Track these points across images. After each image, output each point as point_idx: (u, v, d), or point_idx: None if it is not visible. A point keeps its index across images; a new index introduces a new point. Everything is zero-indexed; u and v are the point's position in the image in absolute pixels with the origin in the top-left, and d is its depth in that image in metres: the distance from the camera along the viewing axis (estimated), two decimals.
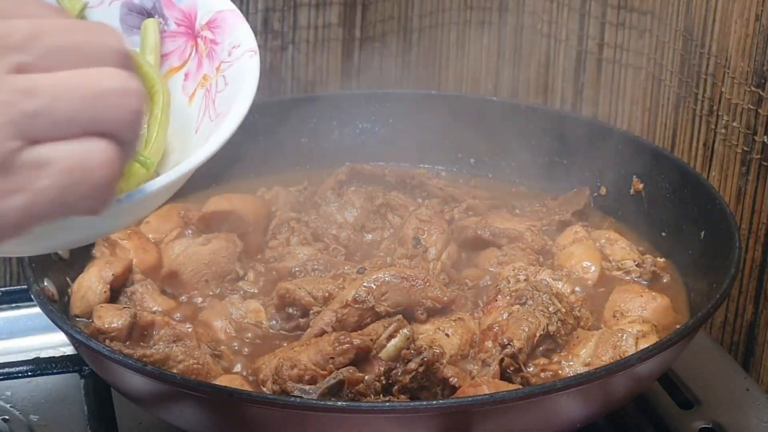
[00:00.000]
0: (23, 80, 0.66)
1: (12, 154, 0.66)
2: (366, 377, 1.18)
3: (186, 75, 0.97)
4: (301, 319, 1.30)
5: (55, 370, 1.35)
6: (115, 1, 0.98)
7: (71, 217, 0.73)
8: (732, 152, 1.53)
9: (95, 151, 0.69)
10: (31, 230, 0.70)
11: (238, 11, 0.97)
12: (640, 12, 1.69)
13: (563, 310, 1.29)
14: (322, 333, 1.24)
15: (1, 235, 0.68)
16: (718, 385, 1.41)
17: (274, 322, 1.32)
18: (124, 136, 0.71)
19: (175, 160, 0.92)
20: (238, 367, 1.25)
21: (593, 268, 1.41)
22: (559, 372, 1.24)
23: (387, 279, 1.28)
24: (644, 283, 1.41)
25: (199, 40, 0.97)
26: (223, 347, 1.28)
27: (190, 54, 0.98)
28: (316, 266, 1.37)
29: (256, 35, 0.97)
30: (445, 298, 1.30)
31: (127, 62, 0.73)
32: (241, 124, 0.89)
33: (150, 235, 1.45)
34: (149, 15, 0.99)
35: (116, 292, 1.34)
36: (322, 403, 1.11)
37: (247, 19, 1.01)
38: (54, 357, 1.36)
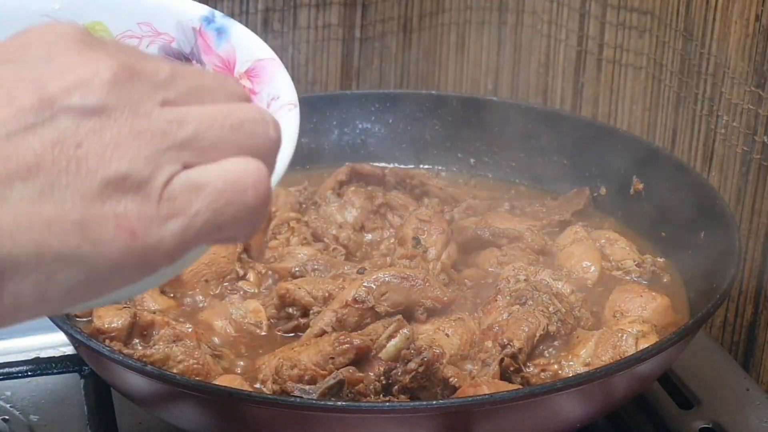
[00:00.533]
0: (174, 111, 0.69)
1: (171, 179, 0.68)
2: (366, 377, 1.18)
3: None
4: (301, 319, 1.30)
5: (55, 370, 1.35)
6: (153, 44, 0.96)
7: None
8: (732, 152, 1.53)
9: (249, 170, 0.71)
10: (183, 256, 0.71)
11: (279, 60, 0.93)
12: (640, 12, 1.69)
13: (563, 310, 1.29)
14: (322, 333, 1.24)
15: (155, 262, 0.69)
16: (718, 385, 1.41)
17: (274, 321, 1.32)
18: (267, 162, 0.73)
19: None
20: (238, 367, 1.26)
21: (593, 268, 1.41)
22: (559, 372, 1.24)
23: (387, 279, 1.28)
24: (644, 283, 1.41)
25: None
26: (223, 347, 1.28)
27: None
28: (316, 266, 1.37)
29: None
30: (445, 298, 1.30)
31: (251, 100, 0.76)
32: None
33: None
34: (187, 60, 0.96)
35: None
36: (322, 403, 1.11)
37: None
38: (54, 357, 1.36)
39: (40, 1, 0.93)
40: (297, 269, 1.37)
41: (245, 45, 0.95)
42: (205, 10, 0.95)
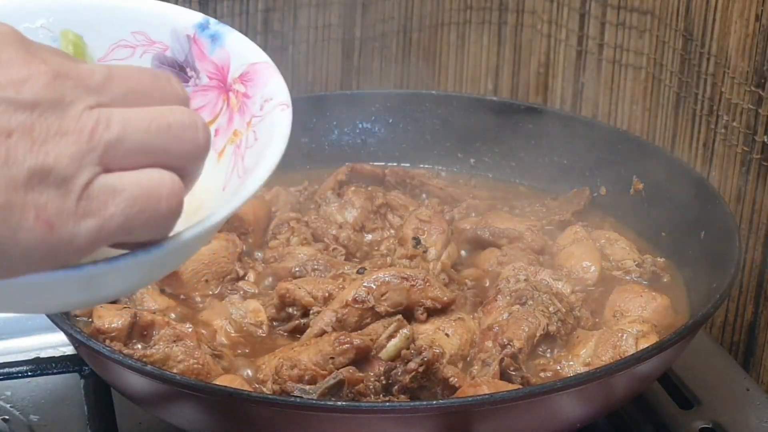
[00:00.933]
0: (103, 114, 0.72)
1: (92, 180, 0.71)
2: (366, 377, 1.18)
3: (216, 131, 0.94)
4: (301, 319, 1.30)
5: (55, 370, 1.35)
6: (147, 53, 0.96)
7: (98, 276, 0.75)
8: (732, 152, 1.53)
9: (164, 182, 0.74)
10: (92, 253, 0.74)
11: (272, 63, 0.94)
12: (640, 12, 1.69)
13: (563, 310, 1.29)
14: (322, 333, 1.24)
15: (65, 256, 0.72)
16: (718, 385, 1.41)
17: (274, 322, 1.32)
18: (190, 168, 0.77)
19: (202, 217, 0.91)
20: (239, 367, 1.26)
21: (593, 268, 1.41)
22: (559, 372, 1.24)
23: (387, 279, 1.28)
24: (644, 283, 1.41)
25: (231, 94, 0.95)
26: (223, 347, 1.28)
27: (222, 108, 0.95)
28: (316, 266, 1.37)
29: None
30: (445, 298, 1.30)
31: (189, 103, 0.79)
32: None
33: None
34: (181, 68, 0.96)
35: None
36: (322, 403, 1.11)
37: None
38: (54, 357, 1.36)
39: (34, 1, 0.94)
40: (297, 269, 1.37)
41: (239, 50, 0.95)
42: (199, 17, 0.95)
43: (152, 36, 0.96)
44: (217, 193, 0.91)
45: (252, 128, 0.92)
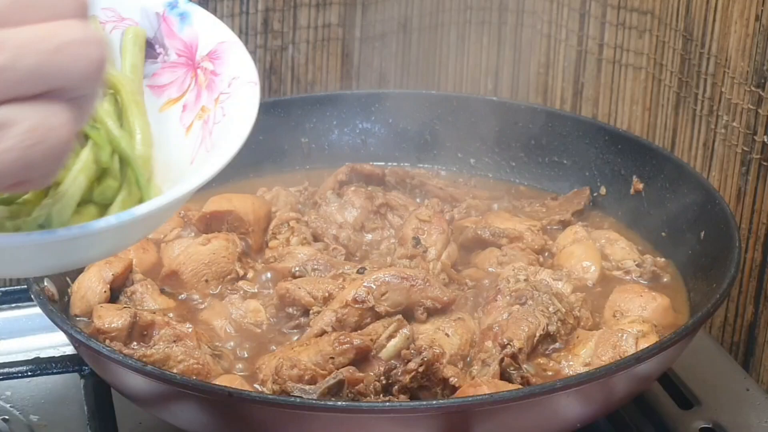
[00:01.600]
0: None
1: None
2: (366, 377, 1.18)
3: (184, 106, 0.96)
4: (301, 319, 1.30)
5: (55, 370, 1.35)
6: (116, 29, 0.97)
7: (59, 239, 0.75)
8: (732, 152, 1.53)
9: (56, 112, 0.70)
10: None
11: (240, 42, 0.95)
12: (640, 12, 1.69)
13: (563, 310, 1.29)
14: (322, 333, 1.24)
15: None
16: (718, 385, 1.41)
17: (274, 321, 1.32)
18: (87, 87, 0.72)
19: (170, 189, 0.92)
20: (238, 367, 1.25)
21: (593, 268, 1.41)
22: (559, 372, 1.24)
23: (387, 279, 1.28)
24: (644, 283, 1.41)
25: (199, 71, 0.96)
26: (223, 347, 1.28)
27: (189, 85, 0.97)
28: (316, 266, 1.37)
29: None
30: (445, 298, 1.30)
31: (87, 11, 0.74)
32: None
33: (150, 235, 1.44)
34: (150, 45, 0.98)
35: (116, 292, 1.34)
36: (322, 403, 1.11)
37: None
38: (54, 357, 1.36)
39: None
40: (297, 269, 1.37)
41: (207, 29, 0.96)
42: None
43: (122, 13, 0.97)
44: (185, 166, 0.93)
45: (220, 105, 0.93)
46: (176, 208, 0.94)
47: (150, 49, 0.97)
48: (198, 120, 0.95)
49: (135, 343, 1.25)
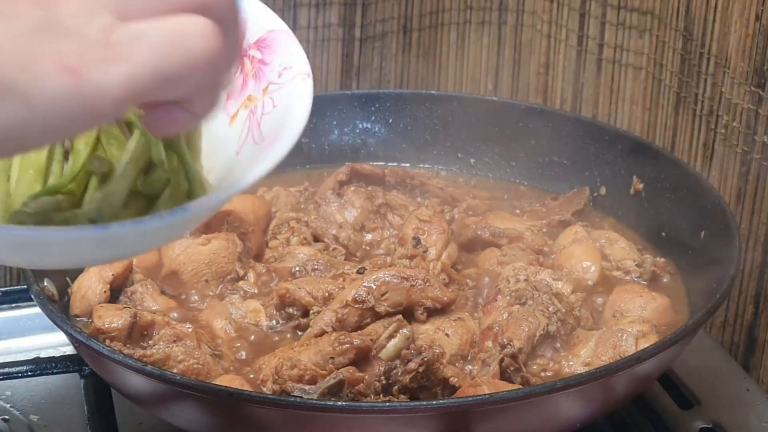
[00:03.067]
0: None
1: (107, 28, 0.67)
2: (366, 377, 1.18)
3: (228, 95, 0.93)
4: (301, 319, 1.30)
5: (55, 370, 1.35)
6: None
7: (113, 235, 0.73)
8: (732, 152, 1.53)
9: (191, 24, 0.69)
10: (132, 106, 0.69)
11: (291, 32, 0.93)
12: (640, 12, 1.69)
13: (563, 310, 1.29)
14: (322, 333, 1.24)
15: (104, 108, 0.68)
16: (718, 385, 1.41)
17: (274, 322, 1.32)
18: (223, 12, 0.71)
19: (215, 180, 0.90)
20: (237, 367, 1.26)
21: (593, 268, 1.41)
22: (559, 372, 1.24)
23: (387, 279, 1.28)
24: (644, 283, 1.41)
25: (245, 59, 0.94)
26: (223, 347, 1.28)
27: (234, 73, 0.95)
28: (316, 266, 1.37)
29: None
30: (445, 298, 1.30)
31: None
32: None
33: None
34: None
35: (116, 292, 1.34)
36: (322, 403, 1.11)
37: None
38: (54, 357, 1.36)
39: None
40: (297, 269, 1.37)
41: (256, 16, 0.93)
42: None
43: None
44: (230, 157, 0.91)
45: (270, 95, 0.91)
46: (225, 205, 0.92)
47: None
48: (244, 109, 0.92)
49: (135, 342, 1.25)
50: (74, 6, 0.67)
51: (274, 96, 0.91)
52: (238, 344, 1.29)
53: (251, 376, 1.23)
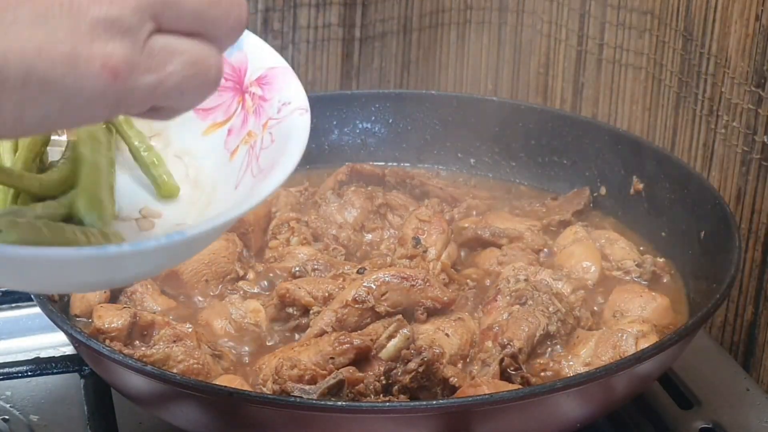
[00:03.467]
0: None
1: (148, 35, 0.74)
2: (366, 377, 1.18)
3: (229, 131, 0.97)
4: (301, 319, 1.30)
5: (55, 370, 1.35)
6: None
7: (109, 256, 0.75)
8: (732, 152, 1.53)
9: (212, 53, 0.78)
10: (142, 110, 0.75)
11: (290, 69, 0.96)
12: (640, 12, 1.69)
13: (563, 310, 1.29)
14: (322, 333, 1.24)
15: (127, 108, 0.74)
16: (718, 385, 1.41)
17: (274, 321, 1.32)
18: (227, 43, 0.80)
19: (213, 214, 0.91)
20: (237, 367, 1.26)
21: (593, 268, 1.41)
22: (559, 372, 1.24)
23: (387, 279, 1.28)
24: (644, 283, 1.41)
25: (246, 95, 0.97)
26: (223, 347, 1.27)
27: (236, 110, 0.97)
28: (316, 266, 1.37)
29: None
30: (445, 298, 1.30)
31: None
32: None
33: None
34: None
35: (116, 292, 1.34)
36: (322, 403, 1.11)
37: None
38: (54, 357, 1.36)
39: None
40: (297, 269, 1.37)
41: (257, 53, 0.97)
42: None
43: None
44: (229, 191, 0.92)
45: (268, 130, 0.93)
46: (222, 232, 0.94)
47: None
48: (244, 144, 0.95)
49: (135, 342, 1.25)
50: (133, 5, 0.73)
51: (272, 131, 0.93)
52: (238, 344, 1.29)
53: (251, 378, 1.23)
